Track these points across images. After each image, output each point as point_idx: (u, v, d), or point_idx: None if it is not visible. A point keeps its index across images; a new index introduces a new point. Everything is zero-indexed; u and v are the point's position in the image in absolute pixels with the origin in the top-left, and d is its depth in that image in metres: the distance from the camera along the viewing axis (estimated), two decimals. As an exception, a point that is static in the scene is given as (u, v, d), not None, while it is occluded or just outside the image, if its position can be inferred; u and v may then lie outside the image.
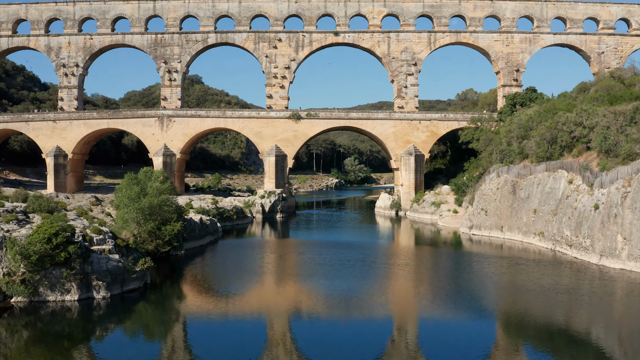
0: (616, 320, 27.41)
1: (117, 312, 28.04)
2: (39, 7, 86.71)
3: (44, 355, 22.30)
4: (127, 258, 30.86)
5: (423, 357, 22.05)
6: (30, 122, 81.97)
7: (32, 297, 27.13)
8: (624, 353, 22.76)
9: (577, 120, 47.79)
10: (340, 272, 37.81)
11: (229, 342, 24.22)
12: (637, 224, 34.39)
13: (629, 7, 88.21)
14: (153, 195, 39.35)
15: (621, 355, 22.50)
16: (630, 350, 23.15)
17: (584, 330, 25.39)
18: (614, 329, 26.06)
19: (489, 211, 53.59)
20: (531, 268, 38.10)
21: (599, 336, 24.76)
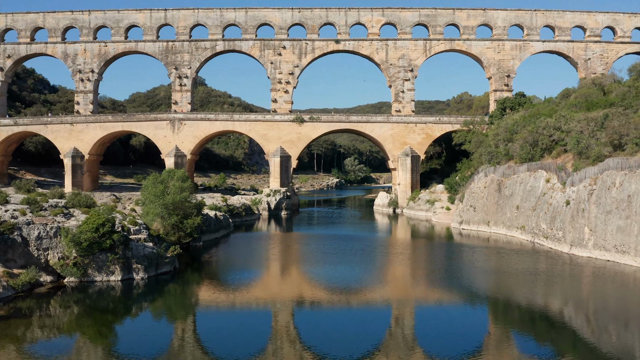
0: (584, 301, 31.53)
1: (152, 291, 32.94)
2: (56, 16, 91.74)
3: (91, 327, 26.54)
4: (159, 246, 35.90)
5: (418, 341, 24.33)
6: (49, 124, 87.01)
7: (82, 278, 32.12)
8: (591, 331, 26.03)
9: (556, 125, 52.85)
10: (342, 259, 42.92)
11: (239, 324, 27.14)
12: (601, 217, 39.44)
13: (614, 16, 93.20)
14: (175, 192, 44.31)
15: (589, 332, 25.80)
16: (595, 327, 26.71)
17: (557, 309, 29.32)
18: (582, 308, 29.99)
19: (477, 208, 58.67)
20: (512, 257, 43.02)
21: (570, 315, 28.56)
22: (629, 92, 57.29)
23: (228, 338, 25.05)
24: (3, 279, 29.19)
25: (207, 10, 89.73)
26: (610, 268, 37.47)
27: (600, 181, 40.11)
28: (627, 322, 26.89)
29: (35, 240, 31.77)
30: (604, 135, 44.67)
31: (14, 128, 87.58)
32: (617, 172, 39.22)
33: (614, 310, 29.54)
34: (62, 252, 32.04)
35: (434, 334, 25.68)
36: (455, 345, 23.43)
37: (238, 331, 25.97)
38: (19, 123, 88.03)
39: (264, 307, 30.28)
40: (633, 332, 25.15)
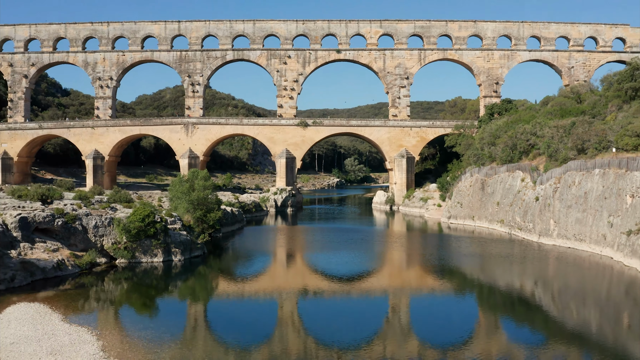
0: (549, 282, 37.24)
1: (187, 271, 39.86)
2: (76, 27, 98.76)
3: (138, 300, 32.55)
4: (191, 234, 42.95)
5: (413, 328, 26.37)
6: (71, 128, 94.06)
7: (130, 259, 39.11)
8: (557, 308, 30.45)
9: (532, 130, 59.89)
10: (344, 246, 50.03)
11: (249, 310, 30.19)
12: (563, 211, 46.47)
13: (596, 27, 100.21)
14: (200, 190, 51.29)
15: (556, 310, 30.02)
16: (560, 305, 31.24)
17: (529, 291, 34.60)
18: (549, 289, 35.47)
19: (464, 204, 65.72)
20: (491, 245, 49.87)
21: (540, 296, 32.97)
22: (600, 101, 64.35)
23: (239, 319, 28.07)
24: (70, 260, 36.20)
25: (217, 22, 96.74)
26: (570, 254, 44.39)
27: (563, 180, 47.18)
28: (584, 298, 32.56)
29: (93, 228, 38.81)
30: (570, 140, 51.70)
31: (39, 131, 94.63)
32: (577, 172, 46.27)
33: (574, 289, 34.94)
34: (115, 238, 39.07)
35: (428, 321, 28.05)
36: (447, 330, 25.66)
37: (248, 316, 28.77)
38: (44, 127, 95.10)
39: (270, 297, 33.51)
40: (589, 308, 30.63)
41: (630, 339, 24.29)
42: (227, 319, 28.78)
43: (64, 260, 35.43)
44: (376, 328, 26.05)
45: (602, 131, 49.78)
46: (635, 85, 60.60)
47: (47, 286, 32.50)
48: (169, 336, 23.70)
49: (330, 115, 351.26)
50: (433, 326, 27.15)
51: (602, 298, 32.60)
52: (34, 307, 26.85)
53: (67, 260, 35.70)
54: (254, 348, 22.48)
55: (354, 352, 22.16)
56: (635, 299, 31.74)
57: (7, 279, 31.28)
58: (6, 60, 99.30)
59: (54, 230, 37.65)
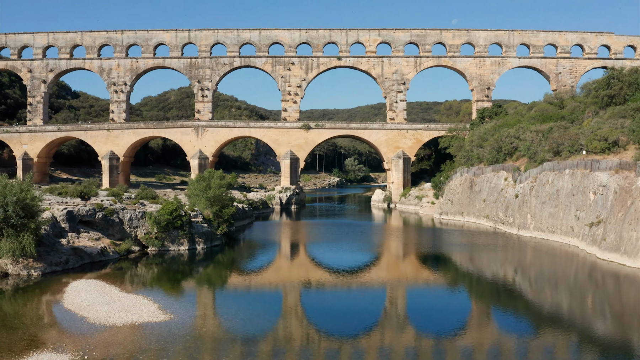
0: (527, 269, 42.21)
1: (208, 258, 45.83)
2: (92, 35, 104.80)
3: (167, 282, 37.69)
4: (211, 227, 49.03)
5: (410, 318, 27.84)
6: (88, 130, 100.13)
7: (160, 247, 45.16)
8: (534, 293, 34.22)
9: (515, 134, 65.95)
10: (345, 237, 56.09)
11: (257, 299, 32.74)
12: (538, 206, 52.56)
13: (582, 35, 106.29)
14: (215, 188, 57.32)
15: (533, 295, 33.73)
16: (536, 290, 35.08)
17: (510, 278, 39.27)
18: (526, 275, 40.34)
19: (454, 201, 71.82)
20: (477, 238, 55.73)
21: (519, 282, 36.80)
22: (579, 107, 70.34)
23: (249, 306, 30.29)
24: (111, 247, 42.28)
25: (225, 30, 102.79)
26: (544, 244, 50.39)
27: (539, 179, 53.27)
28: (556, 283, 37.43)
29: (128, 220, 44.89)
30: (547, 144, 57.78)
31: (57, 133, 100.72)
32: (550, 172, 52.35)
33: (547, 275, 39.91)
34: (147, 229, 45.14)
35: (423, 311, 29.79)
36: (440, 320, 27.45)
37: (257, 303, 31.34)
38: (62, 129, 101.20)
39: (276, 287, 36.27)
40: (560, 291, 35.45)
41: (593, 317, 28.64)
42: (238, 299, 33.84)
43: (105, 248, 41.52)
44: (375, 318, 27.73)
45: (575, 135, 55.87)
46: (611, 93, 66.54)
47: (94, 268, 38.54)
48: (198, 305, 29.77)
49: (330, 115, 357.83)
50: (428, 316, 28.63)
51: (570, 282, 37.87)
52: (93, 282, 32.97)
53: (108, 248, 41.79)
54: (260, 334, 24.79)
55: (353, 340, 23.58)
56: (595, 281, 37.36)
57: (63, 262, 37.34)
58: (25, 66, 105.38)
59: (95, 222, 43.73)
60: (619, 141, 51.50)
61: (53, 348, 21.20)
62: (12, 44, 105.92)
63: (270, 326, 25.81)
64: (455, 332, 25.13)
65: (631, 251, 37.91)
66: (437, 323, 26.88)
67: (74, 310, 26.89)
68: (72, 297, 29.29)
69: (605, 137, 52.17)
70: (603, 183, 43.82)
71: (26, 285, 33.07)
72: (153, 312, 26.33)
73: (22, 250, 34.45)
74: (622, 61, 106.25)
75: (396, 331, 25.00)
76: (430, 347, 22.88)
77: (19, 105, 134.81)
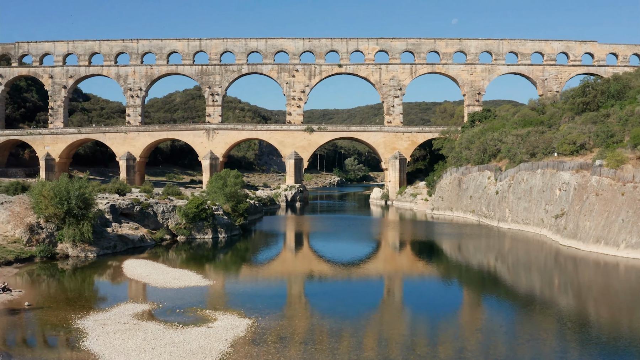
0: (505, 256, 49.11)
1: (228, 245, 53.32)
2: (109, 43, 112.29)
3: (193, 265, 44.52)
4: (230, 219, 56.62)
5: (406, 307, 29.82)
6: (107, 133, 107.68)
7: (188, 236, 52.69)
8: (511, 278, 39.21)
9: (499, 138, 73.54)
10: (346, 230, 63.67)
11: (265, 287, 41.23)
12: (515, 202, 60.16)
13: (567, 43, 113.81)
14: (231, 185, 64.86)
15: (511, 279, 38.65)
16: (514, 274, 40.41)
17: (492, 264, 45.90)
18: (505, 262, 46.84)
19: (444, 198, 79.42)
20: (464, 229, 63.21)
21: (500, 268, 42.33)
22: (557, 113, 77.88)
23: (261, 291, 33.39)
24: (148, 235, 49.85)
25: (234, 39, 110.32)
26: (520, 234, 57.93)
27: (516, 178, 60.88)
28: (529, 267, 43.60)
29: (161, 213, 52.47)
30: (524, 146, 65.37)
31: (78, 136, 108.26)
32: (525, 172, 59.95)
33: (522, 261, 46.39)
34: (177, 220, 52.72)
35: (418, 298, 32.46)
36: (434, 307, 29.73)
37: (266, 290, 33.78)
38: (82, 131, 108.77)
39: (281, 278, 39.67)
40: (533, 274, 41.37)
41: (559, 295, 34.30)
42: (258, 272, 42.49)
43: (144, 235, 49.12)
44: (374, 306, 29.76)
45: (549, 139, 63.46)
46: (586, 100, 73.98)
47: (136, 252, 46.07)
48: (229, 275, 37.43)
49: (330, 115, 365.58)
50: (422, 303, 31.11)
51: (540, 266, 43.77)
52: (142, 261, 40.60)
53: (146, 236, 49.39)
54: (276, 294, 31.78)
55: (354, 326, 25.03)
56: (559, 265, 44.14)
57: (112, 246, 44.91)
58: (47, 72, 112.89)
59: (133, 214, 51.30)
60: (586, 144, 59.06)
61: (133, 301, 28.80)
62: (34, 52, 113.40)
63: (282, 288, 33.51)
64: (447, 312, 28.46)
65: (585, 238, 45.54)
66: (430, 307, 29.44)
67: (136, 278, 34.53)
68: (131, 270, 36.92)
69: (574, 140, 59.73)
70: (566, 181, 51.45)
71: (85, 264, 40.61)
72: (198, 280, 34.01)
73: (81, 236, 42.01)
74: (605, 68, 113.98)
75: (393, 317, 27.29)
76: (425, 329, 25.00)
77: (37, 108, 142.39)
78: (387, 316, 27.87)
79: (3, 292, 29.71)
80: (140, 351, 20.42)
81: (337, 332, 23.70)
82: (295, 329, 24.29)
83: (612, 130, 57.26)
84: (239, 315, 25.64)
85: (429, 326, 25.58)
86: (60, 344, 22.09)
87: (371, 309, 29.17)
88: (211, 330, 23.09)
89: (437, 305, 30.51)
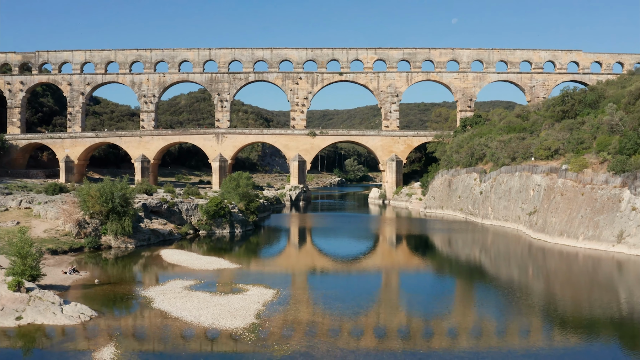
0: (488, 249, 56.58)
1: (243, 239, 60.81)
2: (124, 53, 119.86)
3: (219, 253, 52.89)
4: (245, 215, 64.25)
5: (402, 299, 33.43)
6: (123, 137, 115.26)
7: (208, 231, 60.30)
8: (493, 268, 45.54)
9: (485, 143, 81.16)
10: (346, 225, 71.30)
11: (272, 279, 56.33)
12: (496, 201, 67.79)
13: (554, 52, 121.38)
14: (244, 186, 72.44)
15: (493, 270, 44.61)
16: (495, 265, 49.28)
17: (476, 256, 53.10)
18: (488, 254, 54.13)
19: (436, 197, 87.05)
20: (453, 225, 70.83)
21: (484, 260, 51.42)
22: (539, 120, 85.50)
23: (281, 259, 52.43)
24: (174, 230, 57.46)
25: (241, 49, 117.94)
26: (500, 230, 65.53)
27: (497, 179, 68.53)
28: (508, 259, 51.00)
29: (185, 210, 60.10)
30: (506, 151, 73.02)
31: (95, 139, 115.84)
32: (505, 174, 67.60)
33: (502, 253, 53.70)
34: (198, 217, 60.34)
35: (413, 292, 35.17)
36: (429, 299, 32.87)
37: (275, 278, 45.56)
38: (100, 135, 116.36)
39: (286, 271, 48.66)
40: (511, 265, 48.54)
41: (533, 282, 40.29)
42: (274, 258, 50.17)
43: (172, 230, 56.79)
44: (372, 300, 32.23)
45: (527, 145, 71.11)
46: (564, 108, 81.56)
47: (166, 244, 53.69)
48: (252, 261, 45.11)
49: (331, 116, 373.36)
50: (417, 294, 34.44)
51: (518, 257, 50.81)
52: (176, 250, 48.29)
53: (173, 230, 57.05)
54: (290, 272, 43.24)
55: (353, 319, 27.41)
56: (533, 256, 50.91)
57: (146, 239, 52.53)
58: (66, 80, 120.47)
59: (161, 211, 58.93)
60: (560, 150, 66.69)
61: (179, 278, 36.43)
62: (53, 60, 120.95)
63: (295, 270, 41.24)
64: (440, 295, 33.88)
65: (551, 231, 53.20)
66: (423, 299, 32.67)
67: (175, 263, 42.23)
68: (168, 257, 44.62)
69: (549, 146, 67.37)
70: (538, 183, 59.12)
71: (125, 254, 48.21)
72: (227, 264, 41.73)
73: (122, 229, 49.61)
74: (589, 75, 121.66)
75: (390, 310, 29.67)
76: (420, 316, 28.33)
77: (53, 112, 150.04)
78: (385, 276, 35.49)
79: (74, 273, 37.37)
80: (197, 309, 28.06)
81: (340, 298, 31.38)
82: (308, 296, 31.99)
83: (582, 138, 64.86)
84: (265, 287, 33.35)
85: (424, 303, 31.23)
86: (136, 306, 29.75)
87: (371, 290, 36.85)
88: (246, 296, 30.78)
89: (431, 289, 35.75)
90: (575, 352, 23.22)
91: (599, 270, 42.93)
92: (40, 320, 26.26)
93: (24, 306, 27.50)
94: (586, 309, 31.04)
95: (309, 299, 31.49)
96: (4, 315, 26.54)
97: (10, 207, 59.57)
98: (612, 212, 47.82)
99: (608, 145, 56.88)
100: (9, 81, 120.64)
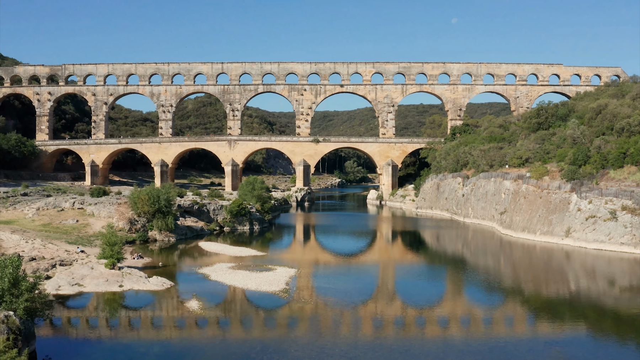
0: (469, 244, 68.76)
1: (261, 234, 72.18)
2: (144, 66, 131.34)
3: (245, 244, 65.19)
4: (262, 215, 75.79)
5: (398, 292, 46.71)
6: (143, 143, 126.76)
7: (232, 227, 71.73)
8: (473, 259, 59.45)
9: (469, 151, 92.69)
10: (347, 222, 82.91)
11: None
12: (475, 202, 79.34)
13: (537, 66, 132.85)
14: (258, 189, 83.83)
15: (474, 262, 53.95)
16: (476, 258, 61.58)
17: (459, 251, 64.40)
18: (468, 248, 66.37)
19: (426, 199, 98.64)
20: (439, 223, 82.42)
21: (466, 254, 63.29)
22: (517, 131, 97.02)
23: (295, 248, 64.36)
24: (205, 227, 68.96)
25: (251, 63, 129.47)
26: (479, 227, 76.99)
27: (476, 184, 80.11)
28: (485, 253, 62.60)
29: (212, 210, 71.60)
30: (484, 159, 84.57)
31: (118, 145, 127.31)
32: (483, 179, 79.14)
33: (480, 247, 65.30)
34: (223, 216, 71.84)
35: (409, 286, 41.25)
36: (423, 292, 38.99)
37: (297, 246, 64.95)
38: (122, 142, 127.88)
39: (291, 264, 69.50)
40: (487, 258, 59.73)
41: (504, 273, 50.52)
42: (289, 248, 61.68)
43: (202, 227, 68.33)
44: (370, 292, 37.40)
45: (503, 154, 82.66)
46: (539, 120, 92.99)
47: (199, 238, 65.14)
48: (273, 251, 56.78)
49: (331, 117, 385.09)
50: (411, 286, 40.96)
51: (492, 249, 62.23)
52: (211, 242, 59.87)
53: (204, 227, 68.58)
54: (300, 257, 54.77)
55: (353, 309, 32.09)
56: (504, 250, 62.43)
57: (184, 234, 64.04)
58: (90, 90, 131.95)
59: (193, 211, 70.43)
60: (530, 159, 78.26)
61: (222, 262, 47.92)
62: (79, 73, 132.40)
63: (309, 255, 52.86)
64: (431, 283, 47.24)
65: (516, 228, 64.76)
66: (416, 289, 40.38)
67: (213, 251, 53.81)
68: (207, 247, 56.18)
69: (521, 156, 78.95)
70: (508, 187, 70.68)
71: (167, 245, 59.64)
72: (255, 252, 53.33)
73: (166, 226, 61.07)
74: (569, 87, 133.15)
75: (387, 302, 41.58)
76: (414, 306, 43.12)
77: (75, 119, 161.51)
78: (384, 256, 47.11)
79: (140, 259, 48.89)
80: (242, 280, 39.59)
81: (344, 274, 42.91)
82: (322, 272, 43.54)
83: (548, 149, 76.42)
84: (289, 267, 44.96)
85: (417, 289, 44.28)
86: (198, 279, 41.30)
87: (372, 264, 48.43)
88: (275, 273, 42.37)
89: (422, 278, 44.88)
90: (536, 316, 34.61)
91: (552, 259, 54.10)
92: (137, 287, 37.76)
93: (121, 279, 39.01)
94: (543, 289, 41.38)
95: (321, 274, 43.07)
96: (110, 284, 38.05)
97: (65, 207, 70.92)
98: (562, 212, 59.38)
99: (565, 157, 68.49)
100: (38, 92, 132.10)
